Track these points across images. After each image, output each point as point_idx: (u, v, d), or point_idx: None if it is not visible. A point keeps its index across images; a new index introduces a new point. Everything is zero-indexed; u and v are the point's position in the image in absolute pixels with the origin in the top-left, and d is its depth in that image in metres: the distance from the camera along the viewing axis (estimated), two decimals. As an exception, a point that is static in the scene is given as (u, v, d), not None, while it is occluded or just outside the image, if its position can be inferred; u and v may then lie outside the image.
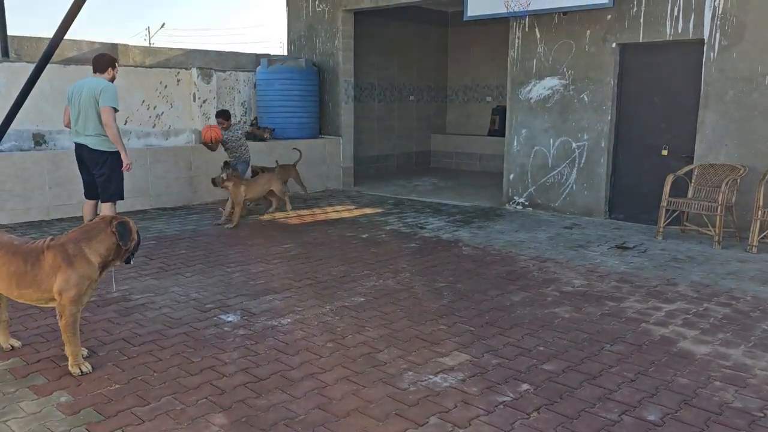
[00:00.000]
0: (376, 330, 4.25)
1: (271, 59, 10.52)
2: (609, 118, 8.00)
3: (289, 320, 4.41)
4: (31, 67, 6.92)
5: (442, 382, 3.47)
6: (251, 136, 10.10)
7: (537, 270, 5.80)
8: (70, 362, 3.50)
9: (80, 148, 5.93)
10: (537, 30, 8.46)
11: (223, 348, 3.90)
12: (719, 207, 6.61)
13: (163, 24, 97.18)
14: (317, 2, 10.90)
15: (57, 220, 7.66)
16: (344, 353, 3.85)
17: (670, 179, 7.04)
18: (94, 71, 5.93)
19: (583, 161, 8.27)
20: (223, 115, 8.32)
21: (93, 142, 5.83)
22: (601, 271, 5.79)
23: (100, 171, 5.87)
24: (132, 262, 3.87)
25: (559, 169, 8.49)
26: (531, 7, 7.81)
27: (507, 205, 9.05)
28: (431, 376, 3.54)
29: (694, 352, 3.93)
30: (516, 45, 8.71)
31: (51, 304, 3.52)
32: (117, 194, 5.97)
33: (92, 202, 6.12)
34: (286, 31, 11.53)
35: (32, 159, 7.60)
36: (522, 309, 4.72)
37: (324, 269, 5.71)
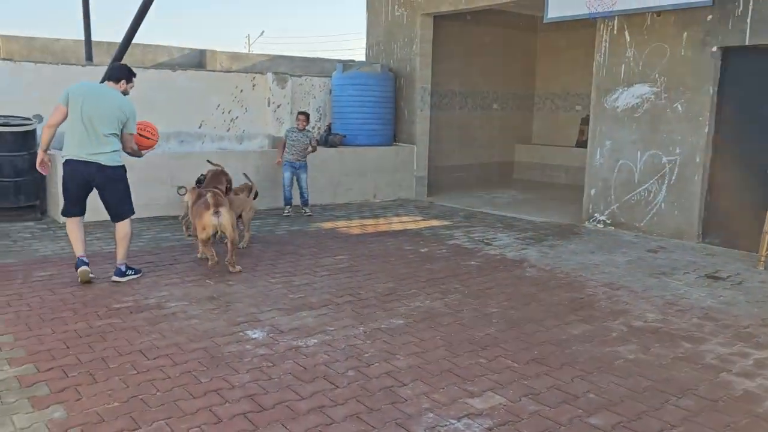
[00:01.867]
0: (406, 359, 3.84)
1: (346, 64, 10.35)
2: (706, 130, 7.13)
3: (315, 341, 4.09)
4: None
5: (464, 430, 3.02)
6: (325, 143, 9.97)
7: (606, 299, 5.16)
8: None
9: (87, 166, 5.10)
10: (626, 32, 7.72)
11: (237, 369, 3.63)
12: (835, 236, 5.65)
13: (263, 31, 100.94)
14: (396, 7, 10.62)
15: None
16: (363, 384, 3.48)
17: (775, 201, 6.13)
18: (109, 80, 5.30)
19: (674, 178, 7.43)
20: (306, 114, 8.61)
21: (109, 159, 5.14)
22: (682, 304, 5.06)
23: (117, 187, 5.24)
24: None
25: (646, 185, 7.68)
26: (617, 7, 7.12)
27: (586, 222, 8.33)
28: (453, 421, 3.09)
29: (783, 416, 3.24)
30: (603, 49, 7.99)
31: None
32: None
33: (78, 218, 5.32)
34: (366, 37, 11.33)
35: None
36: (579, 345, 4.14)
37: (369, 285, 5.36)
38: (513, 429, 3.04)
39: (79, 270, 5.17)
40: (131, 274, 5.40)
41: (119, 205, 5.32)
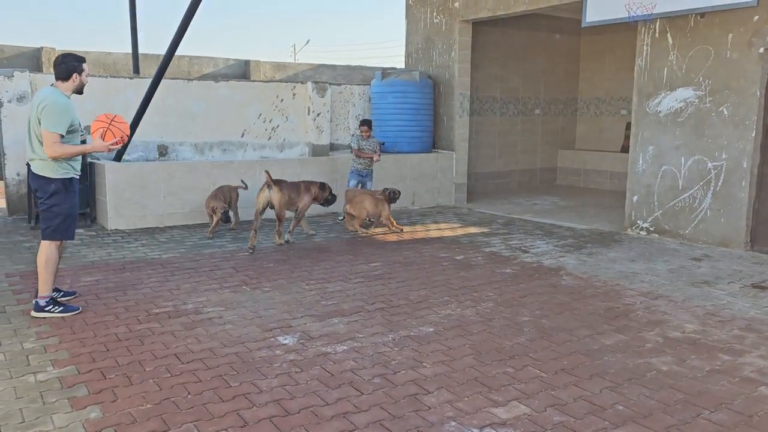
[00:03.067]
0: (433, 367, 3.85)
1: (385, 72, 10.43)
2: (753, 134, 6.89)
3: (344, 348, 4.14)
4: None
5: (485, 439, 3.02)
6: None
7: (643, 309, 5.04)
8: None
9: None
10: (669, 35, 7.54)
11: (266, 374, 3.72)
12: None
13: (308, 40, 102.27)
14: (435, 14, 10.64)
15: (169, 227, 8.06)
16: (388, 391, 3.51)
17: (827, 208, 5.88)
18: (56, 80, 4.67)
19: (720, 184, 7.20)
20: (369, 123, 8.70)
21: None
22: (723, 315, 4.91)
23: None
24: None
25: (691, 191, 7.47)
26: (658, 10, 6.97)
27: (629, 230, 8.15)
28: (475, 430, 3.09)
29: (823, 433, 3.11)
30: (644, 52, 7.83)
31: None
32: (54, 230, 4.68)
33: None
34: (405, 44, 11.39)
35: (149, 168, 8.05)
36: (611, 356, 4.07)
37: (402, 292, 5.39)
38: (536, 440, 3.02)
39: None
40: (55, 311, 4.65)
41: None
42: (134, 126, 7.95)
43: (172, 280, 5.71)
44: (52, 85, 4.70)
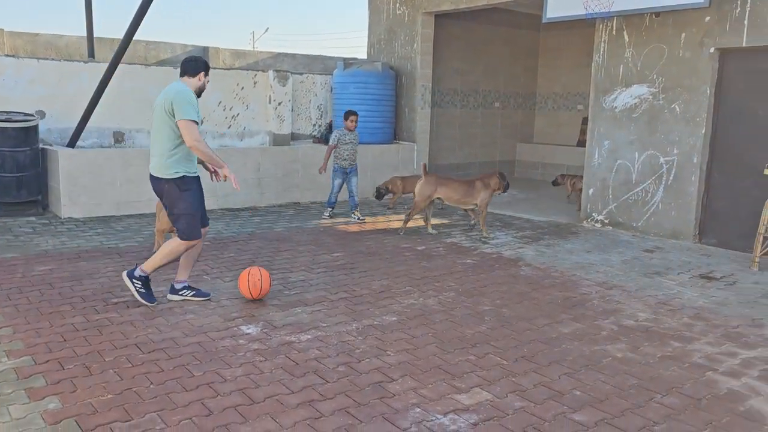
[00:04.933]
0: (396, 355, 3.90)
1: (347, 62, 10.40)
2: (703, 131, 7.16)
3: (308, 337, 4.15)
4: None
5: (449, 425, 3.08)
6: (325, 141, 10.04)
7: (599, 298, 5.20)
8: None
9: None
10: (625, 32, 7.75)
11: (230, 363, 3.70)
12: (828, 238, 5.68)
13: (267, 28, 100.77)
14: (398, 5, 10.65)
15: (126, 216, 7.88)
16: (353, 379, 3.54)
17: (770, 203, 6.17)
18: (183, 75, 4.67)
19: (671, 178, 7.46)
20: (356, 113, 8.13)
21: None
22: (674, 304, 5.11)
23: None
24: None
25: (643, 185, 7.72)
26: (615, 8, 7.14)
27: (585, 222, 8.37)
28: (439, 416, 3.15)
29: (765, 414, 3.28)
30: (601, 49, 8.02)
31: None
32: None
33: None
34: (367, 35, 11.38)
35: (106, 155, 7.85)
36: (569, 343, 4.20)
37: (365, 282, 5.42)
38: (498, 424, 3.10)
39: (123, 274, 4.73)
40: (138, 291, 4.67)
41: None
42: (89, 112, 7.74)
43: (129, 269, 5.58)
44: (178, 81, 4.63)
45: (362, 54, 12.79)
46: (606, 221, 8.13)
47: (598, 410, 3.27)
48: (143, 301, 4.63)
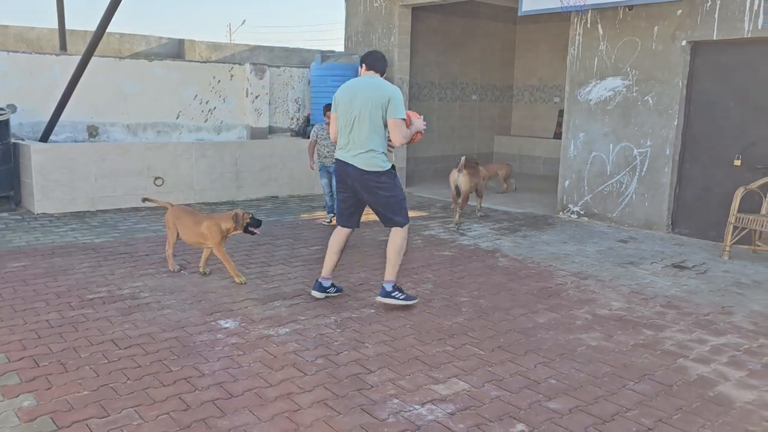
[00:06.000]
0: (375, 347, 3.93)
1: (324, 55, 10.36)
2: (675, 123, 7.28)
3: (286, 330, 4.16)
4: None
5: (426, 415, 3.11)
6: (303, 134, 10.01)
7: (574, 288, 5.29)
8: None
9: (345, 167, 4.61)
10: (600, 26, 7.83)
11: (208, 357, 3.70)
12: (795, 227, 5.83)
13: (244, 20, 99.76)
14: (375, -3, 10.63)
15: (101, 211, 7.79)
16: (331, 372, 3.56)
17: (740, 192, 6.30)
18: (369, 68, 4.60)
19: (644, 169, 7.58)
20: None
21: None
22: (647, 293, 5.21)
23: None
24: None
25: (618, 177, 7.83)
26: (589, 1, 7.21)
27: (561, 213, 8.47)
28: (417, 407, 3.19)
29: (733, 399, 3.37)
30: (576, 42, 8.10)
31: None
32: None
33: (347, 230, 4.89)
34: (344, 28, 11.34)
35: (80, 150, 7.74)
36: (544, 333, 4.26)
37: (343, 275, 5.44)
38: (474, 413, 3.15)
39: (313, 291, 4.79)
40: (399, 298, 4.62)
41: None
42: (62, 105, 7.62)
43: (105, 265, 5.55)
44: (369, 75, 4.58)
45: (340, 47, 12.77)
46: (581, 212, 8.24)
47: (572, 398, 3.34)
48: (411, 303, 4.63)
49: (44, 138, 7.91)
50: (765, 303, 4.99)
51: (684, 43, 7.11)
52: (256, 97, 10.05)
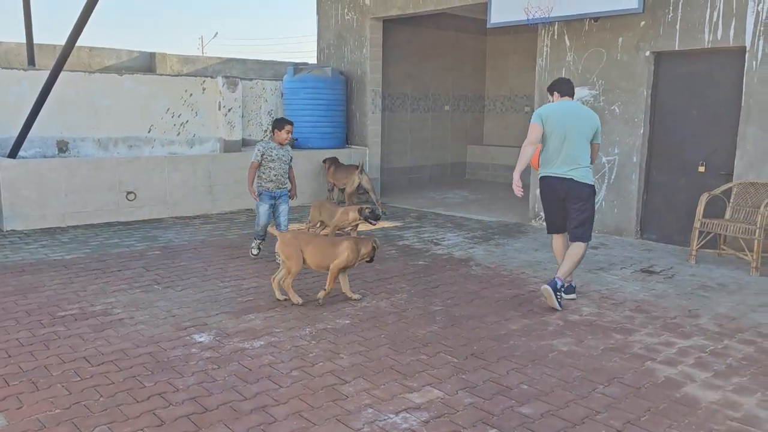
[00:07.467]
0: (350, 357, 3.96)
1: (297, 67, 10.41)
2: (642, 131, 7.46)
3: (262, 343, 4.17)
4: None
5: (401, 423, 3.15)
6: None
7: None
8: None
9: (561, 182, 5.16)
10: (566, 37, 8.01)
11: (182, 372, 3.69)
12: (757, 230, 6.01)
13: (216, 33, 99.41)
14: (346, 10, 10.73)
15: (72, 227, 7.69)
16: (307, 384, 3.58)
17: (704, 198, 6.48)
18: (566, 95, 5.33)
19: (613, 177, 7.75)
20: (292, 123, 6.40)
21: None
22: (616, 298, 5.32)
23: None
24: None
25: (587, 184, 7.97)
26: (555, 14, 7.39)
27: (533, 221, 8.60)
28: (391, 416, 3.22)
29: (699, 399, 3.47)
30: (544, 53, 8.27)
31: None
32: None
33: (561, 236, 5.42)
34: (316, 40, 11.40)
35: (49, 166, 7.64)
36: (516, 339, 4.33)
37: (318, 287, 5.45)
38: (448, 421, 3.19)
39: (542, 288, 5.05)
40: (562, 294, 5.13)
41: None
42: (30, 120, 7.54)
43: (77, 281, 5.49)
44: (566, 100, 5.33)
45: (313, 59, 12.80)
46: (553, 220, 8.36)
47: (544, 403, 3.40)
48: (559, 307, 4.96)
49: (12, 154, 7.80)
50: (730, 305, 5.13)
51: (648, 53, 7.31)
52: (229, 110, 10.04)
